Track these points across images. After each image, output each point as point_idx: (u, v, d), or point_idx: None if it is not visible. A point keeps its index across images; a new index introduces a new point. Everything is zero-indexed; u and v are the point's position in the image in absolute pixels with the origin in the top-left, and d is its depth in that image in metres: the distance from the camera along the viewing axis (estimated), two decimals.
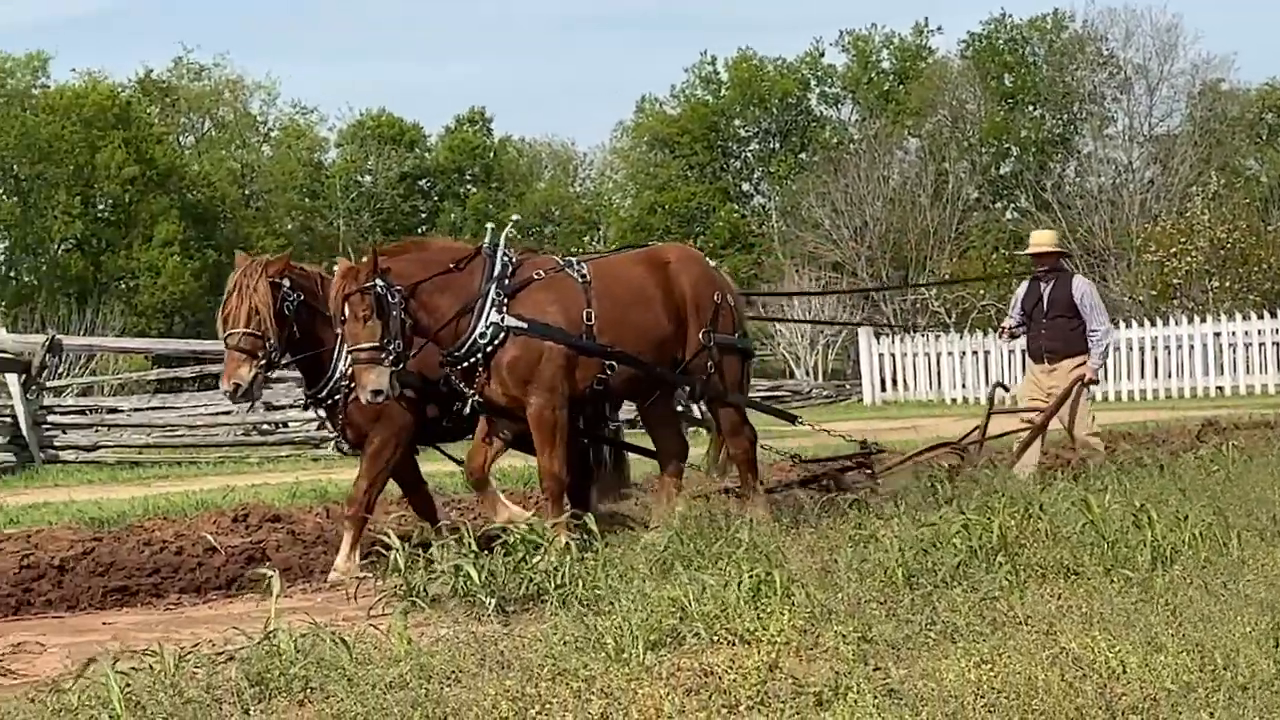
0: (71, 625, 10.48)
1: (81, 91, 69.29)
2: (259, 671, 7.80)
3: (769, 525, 11.23)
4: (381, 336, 11.09)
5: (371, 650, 8.09)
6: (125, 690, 7.06)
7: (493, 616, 9.25)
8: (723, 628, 8.20)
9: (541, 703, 7.08)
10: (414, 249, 12.21)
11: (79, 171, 67.23)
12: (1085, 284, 14.73)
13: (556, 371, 11.65)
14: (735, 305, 12.95)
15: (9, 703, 7.71)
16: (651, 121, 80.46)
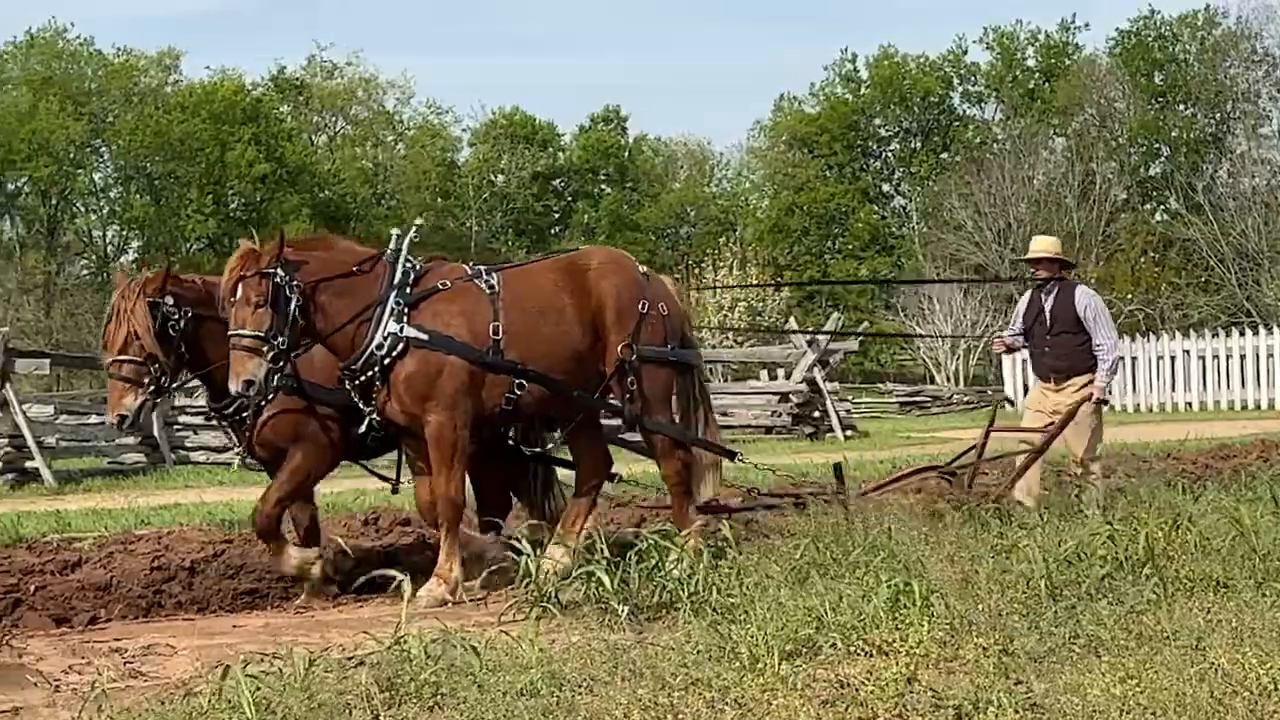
0: (201, 628, 10.58)
1: (211, 88, 70.09)
2: (389, 676, 7.85)
3: (696, 557, 10.36)
4: (269, 328, 10.60)
5: (502, 657, 8.11)
6: (256, 694, 7.13)
7: (625, 624, 9.25)
8: (860, 638, 8.16)
9: (674, 712, 7.09)
10: (322, 245, 11.65)
11: (210, 170, 68.11)
12: (1089, 295, 13.62)
13: (458, 388, 11.11)
14: (670, 314, 12.10)
15: (141, 704, 7.81)
16: (790, 120, 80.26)
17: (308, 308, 10.83)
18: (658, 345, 11.85)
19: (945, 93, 79.96)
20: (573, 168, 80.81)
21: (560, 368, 11.49)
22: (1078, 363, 13.24)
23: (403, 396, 10.99)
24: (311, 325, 10.92)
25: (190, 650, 9.56)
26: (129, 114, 68.93)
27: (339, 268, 11.08)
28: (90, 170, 71.07)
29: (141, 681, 8.68)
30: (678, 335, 12.19)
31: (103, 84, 69.93)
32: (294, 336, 10.79)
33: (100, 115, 69.51)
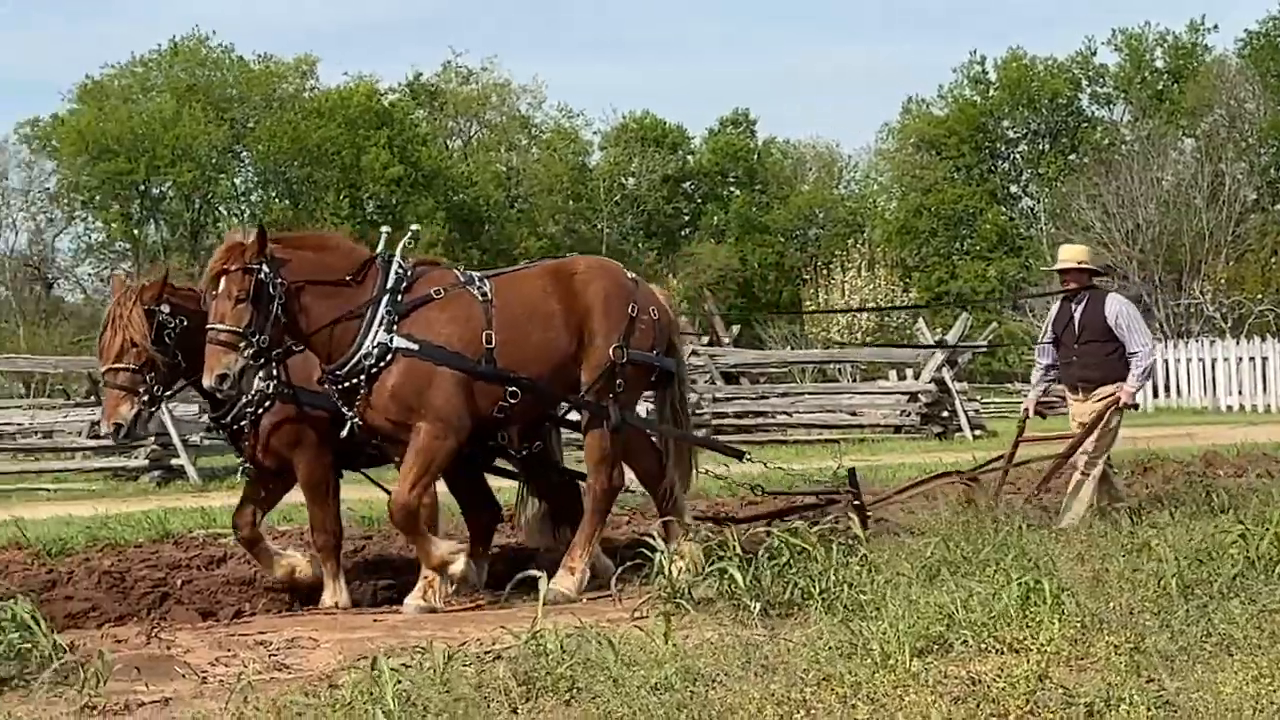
0: (342, 622, 10.69)
1: (347, 94, 70.67)
2: (526, 670, 7.92)
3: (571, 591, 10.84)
4: (247, 324, 10.30)
5: (636, 652, 8.16)
6: (397, 687, 7.22)
7: (757, 621, 9.28)
8: (991, 635, 8.16)
9: (807, 708, 7.11)
10: (312, 243, 11.31)
11: (346, 173, 68.63)
12: (1121, 302, 13.09)
13: (449, 399, 10.78)
14: (660, 320, 11.82)
15: (285, 696, 7.92)
16: (918, 123, 79.79)
17: (291, 306, 10.54)
18: (645, 350, 11.55)
19: (1073, 94, 79.23)
20: (702, 170, 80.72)
21: (551, 374, 11.19)
22: (1108, 372, 12.80)
23: (389, 406, 10.69)
24: (295, 325, 10.62)
25: (332, 643, 9.67)
26: (268, 120, 69.66)
27: (328, 271, 10.78)
28: (231, 175, 71.92)
29: (286, 674, 8.81)
30: (664, 342, 11.89)
31: (243, 90, 70.73)
32: (276, 335, 10.51)
33: (241, 121, 70.32)
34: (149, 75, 71.16)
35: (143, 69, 71.43)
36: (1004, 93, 78.92)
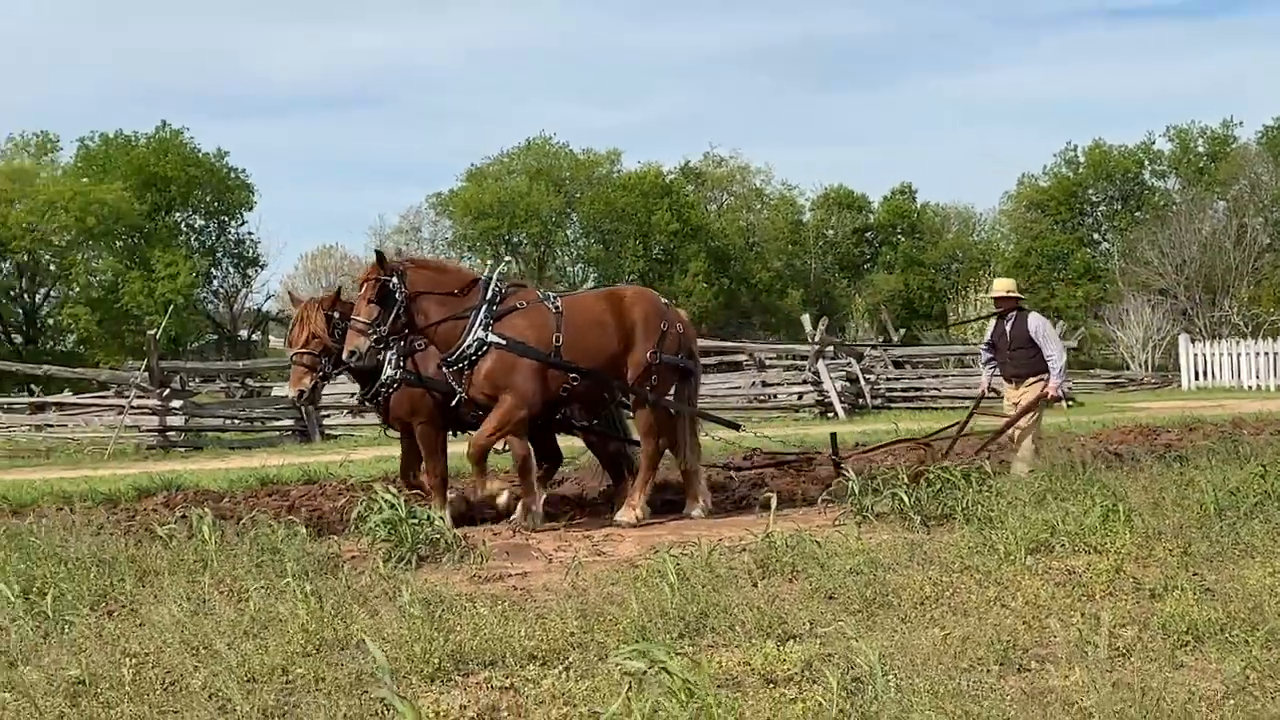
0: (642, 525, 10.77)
1: (641, 174, 71.16)
2: (762, 559, 7.96)
3: None
4: (375, 318, 10.17)
5: (836, 547, 8.15)
6: (676, 567, 7.29)
7: (918, 528, 9.21)
8: (1081, 541, 8.01)
9: (954, 588, 7.04)
10: (434, 266, 11.09)
11: (640, 228, 69.12)
12: (1039, 319, 12.41)
13: (526, 380, 10.43)
14: (683, 334, 11.37)
15: (605, 572, 8.04)
16: (1028, 191, 78.09)
17: (411, 310, 10.30)
18: (673, 354, 11.13)
19: (1138, 170, 77.09)
20: (879, 225, 79.80)
21: (602, 367, 10.79)
22: (1032, 369, 12.16)
23: (484, 384, 10.41)
24: (412, 321, 10.34)
25: (634, 539, 9.79)
26: (589, 192, 70.40)
27: (441, 284, 10.52)
28: (564, 229, 72.79)
29: (603, 557, 8.93)
30: (687, 350, 11.46)
31: (573, 172, 71.56)
32: (395, 327, 10.24)
33: (571, 193, 71.12)
34: (511, 163, 72.31)
35: (507, 159, 72.60)
36: (1089, 170, 76.93)
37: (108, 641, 6.37)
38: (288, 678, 5.70)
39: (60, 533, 9.01)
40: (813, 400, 27.76)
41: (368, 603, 7.16)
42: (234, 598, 7.26)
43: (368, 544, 9.10)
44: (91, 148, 64.18)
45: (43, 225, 56.00)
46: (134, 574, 7.86)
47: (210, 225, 67.06)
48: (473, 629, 6.32)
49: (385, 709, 5.10)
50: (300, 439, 24.23)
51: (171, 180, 63.21)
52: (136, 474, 15.48)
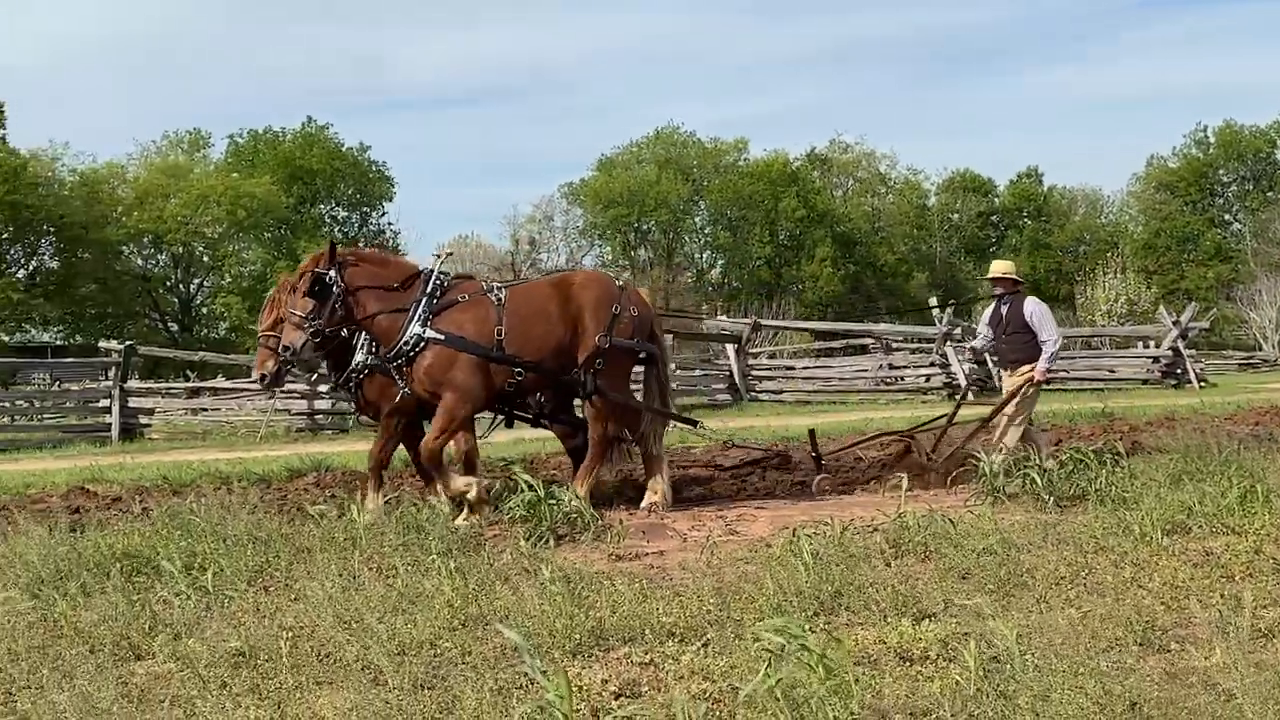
0: (770, 505, 10.72)
1: (768, 162, 70.81)
2: (895, 538, 7.87)
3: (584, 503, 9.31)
4: (310, 312, 9.76)
5: (968, 527, 8.03)
6: (810, 546, 7.24)
7: (1051, 509, 9.04)
8: (1219, 522, 7.80)
9: (1089, 569, 6.90)
10: (376, 260, 10.55)
11: (767, 214, 68.82)
12: (1035, 303, 11.70)
13: (468, 376, 9.93)
14: (639, 316, 10.61)
15: (739, 551, 8.02)
16: (1157, 172, 76.33)
17: (348, 303, 9.90)
18: (627, 338, 10.44)
19: (1270, 150, 74.94)
20: (1004, 209, 78.54)
21: (549, 357, 10.21)
22: (1027, 354, 11.53)
23: (424, 380, 9.95)
24: (349, 314, 9.96)
25: (766, 519, 9.74)
26: (717, 180, 70.24)
27: (379, 279, 10.08)
28: (692, 216, 72.68)
29: (737, 537, 8.90)
30: (646, 333, 10.74)
31: (700, 161, 71.44)
32: (334, 322, 9.87)
33: (698, 181, 71.02)
34: (640, 153, 72.45)
35: (636, 148, 72.76)
36: (1220, 150, 74.99)
37: (265, 615, 6.52)
38: (436, 651, 5.77)
39: (218, 512, 9.22)
40: (940, 383, 27.44)
41: (509, 580, 7.22)
42: (382, 574, 7.37)
43: (507, 523, 9.17)
44: (241, 144, 65.71)
45: (196, 219, 57.44)
46: (288, 551, 8.02)
47: (352, 216, 68.22)
48: (612, 606, 6.34)
49: (530, 682, 5.14)
50: None
51: (316, 174, 64.45)
52: (288, 455, 15.81)
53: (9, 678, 5.55)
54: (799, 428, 16.63)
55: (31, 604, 6.94)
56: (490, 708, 4.82)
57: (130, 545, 8.07)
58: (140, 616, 6.52)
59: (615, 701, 5.01)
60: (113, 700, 5.10)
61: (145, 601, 6.83)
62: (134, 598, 6.90)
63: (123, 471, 14.19)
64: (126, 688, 5.33)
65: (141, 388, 25.32)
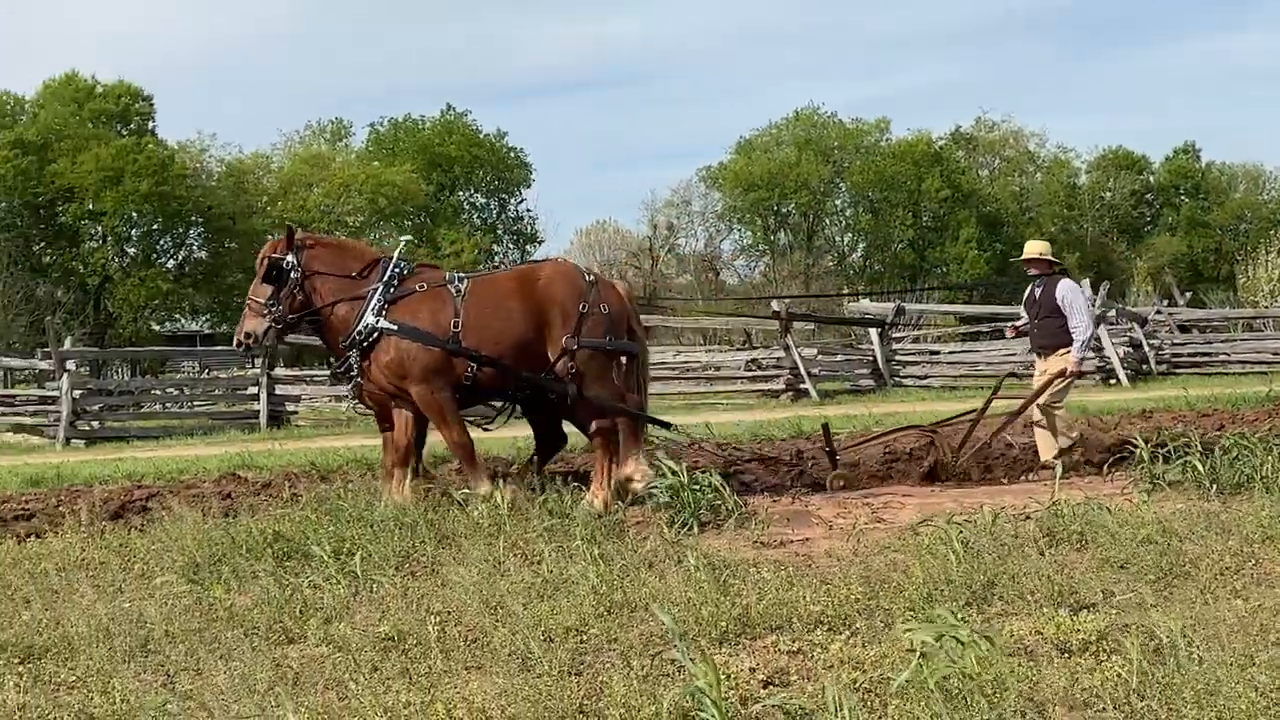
0: (918, 491, 10.59)
1: (911, 142, 69.90)
2: (1048, 527, 7.74)
3: (601, 513, 9.01)
4: (268, 298, 9.73)
5: (1126, 516, 7.86)
6: (959, 535, 7.15)
7: (1213, 497, 8.80)
8: None
9: (1255, 559, 6.73)
10: (334, 245, 10.41)
11: (910, 195, 67.95)
12: (1068, 286, 11.25)
13: (427, 366, 9.60)
14: (612, 313, 10.09)
15: (886, 540, 7.94)
16: None
17: (306, 288, 9.80)
18: (599, 337, 9.96)
19: None
20: (1160, 186, 76.49)
21: (509, 354, 9.78)
22: (1056, 340, 11.18)
23: (382, 372, 9.69)
24: (309, 300, 9.83)
25: (914, 505, 9.61)
26: (858, 161, 69.51)
27: (338, 266, 9.89)
28: (833, 198, 72.03)
29: (883, 524, 8.80)
30: (620, 329, 10.22)
31: (841, 142, 70.71)
32: (293, 307, 9.79)
33: (839, 162, 70.36)
34: (779, 134, 71.96)
35: (775, 130, 72.29)
36: None
37: (413, 600, 6.64)
38: (582, 637, 5.83)
39: (365, 497, 9.42)
40: (1093, 367, 26.84)
41: (654, 566, 7.25)
42: (528, 560, 7.46)
43: (651, 509, 9.21)
44: (382, 132, 66.83)
45: (338, 207, 58.60)
46: (434, 537, 8.16)
47: (491, 203, 68.98)
48: (758, 593, 6.34)
49: (677, 669, 5.16)
50: None
51: (455, 161, 65.25)
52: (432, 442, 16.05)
53: (168, 659, 5.75)
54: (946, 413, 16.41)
55: (188, 588, 7.17)
56: (638, 694, 4.85)
57: (281, 530, 8.27)
58: (292, 600, 6.69)
59: (764, 690, 5.01)
60: (270, 682, 5.25)
61: (296, 586, 7.01)
62: (285, 582, 7.09)
63: (271, 458, 14.55)
64: (281, 670, 5.48)
65: (288, 375, 25.96)
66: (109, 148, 52.44)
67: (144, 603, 6.76)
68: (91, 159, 51.76)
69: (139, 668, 5.61)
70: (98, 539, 8.86)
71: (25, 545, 8.78)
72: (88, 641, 5.98)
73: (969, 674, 4.57)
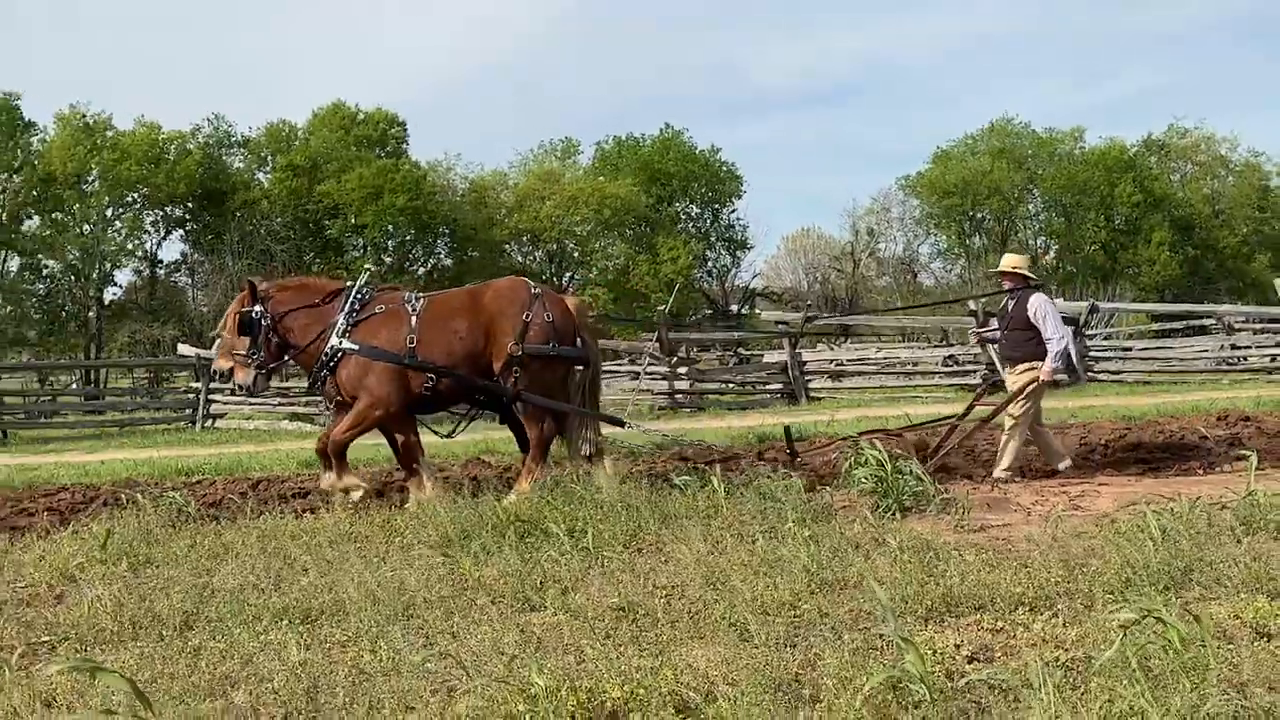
0: (1114, 482, 10.23)
1: (1104, 150, 67.55)
2: (1244, 516, 7.40)
3: (527, 499, 8.93)
4: (249, 349, 10.08)
5: None
6: (1158, 522, 6.89)
7: None
8: None
9: None
10: (295, 285, 10.51)
11: (1102, 200, 65.66)
12: (1039, 299, 10.50)
13: (380, 383, 9.86)
14: (556, 323, 10.11)
15: (1083, 526, 7.70)
16: None
17: (280, 329, 10.19)
18: (541, 344, 10.02)
19: None
20: None
21: (461, 363, 9.99)
22: (1022, 353, 10.48)
23: (345, 387, 9.98)
24: (286, 342, 10.24)
25: (1110, 495, 9.29)
26: (1051, 168, 67.45)
27: (303, 301, 10.24)
28: (1026, 203, 70.03)
29: (1080, 512, 8.52)
30: (567, 338, 10.22)
31: (1035, 150, 68.74)
32: (271, 351, 10.19)
33: (1032, 169, 68.38)
34: (975, 144, 70.28)
35: (971, 140, 70.62)
36: None
37: (639, 575, 6.71)
38: (795, 612, 5.81)
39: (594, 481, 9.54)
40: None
41: (860, 548, 7.17)
42: (743, 540, 7.46)
43: (855, 495, 9.11)
44: (606, 150, 67.62)
45: (567, 218, 59.62)
46: (657, 518, 8.23)
47: (705, 213, 69.10)
48: (960, 575, 6.21)
49: (886, 644, 5.10)
50: (788, 401, 24.64)
51: (672, 175, 65.64)
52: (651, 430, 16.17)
53: (427, 622, 5.93)
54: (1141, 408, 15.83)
55: (442, 559, 7.39)
56: (850, 666, 4.81)
57: (521, 511, 8.45)
58: (533, 573, 6.83)
59: (968, 665, 4.91)
60: (516, 644, 5.38)
61: (536, 560, 7.16)
62: (526, 557, 7.24)
63: (511, 444, 14.83)
64: (525, 634, 5.60)
65: None
66: (370, 168, 54.53)
67: (405, 572, 6.99)
68: (355, 179, 53.93)
69: (402, 629, 5.80)
70: (364, 516, 9.20)
71: (301, 520, 9.17)
72: (357, 605, 6.21)
73: (1172, 652, 4.40)
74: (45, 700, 4.90)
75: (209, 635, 5.87)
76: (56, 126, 52.56)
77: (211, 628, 6.01)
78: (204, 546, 8.21)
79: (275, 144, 57.59)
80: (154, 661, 5.44)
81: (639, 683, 4.69)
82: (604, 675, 4.82)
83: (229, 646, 5.63)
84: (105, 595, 6.68)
